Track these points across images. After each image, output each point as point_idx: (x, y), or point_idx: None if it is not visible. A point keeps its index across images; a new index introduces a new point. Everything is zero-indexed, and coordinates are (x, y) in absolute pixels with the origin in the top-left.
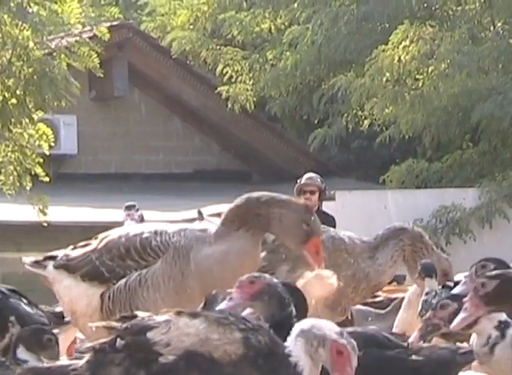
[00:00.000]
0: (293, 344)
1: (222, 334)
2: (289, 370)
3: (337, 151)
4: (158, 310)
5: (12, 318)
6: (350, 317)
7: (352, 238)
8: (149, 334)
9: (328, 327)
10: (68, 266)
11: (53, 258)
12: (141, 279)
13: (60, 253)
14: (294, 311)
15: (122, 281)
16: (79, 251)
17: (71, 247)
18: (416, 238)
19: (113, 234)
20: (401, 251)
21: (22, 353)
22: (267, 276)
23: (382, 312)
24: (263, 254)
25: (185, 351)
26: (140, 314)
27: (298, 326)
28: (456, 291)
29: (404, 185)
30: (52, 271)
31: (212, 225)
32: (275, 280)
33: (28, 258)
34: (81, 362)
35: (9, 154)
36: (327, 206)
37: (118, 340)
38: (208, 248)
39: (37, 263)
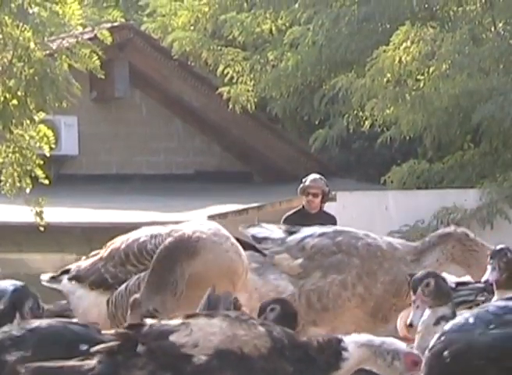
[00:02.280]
0: (352, 347)
1: (247, 330)
2: (331, 359)
3: (338, 151)
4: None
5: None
6: None
7: (392, 243)
8: (172, 338)
9: (396, 342)
10: (79, 277)
11: (68, 271)
12: (140, 282)
13: (74, 265)
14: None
15: (123, 286)
16: (88, 261)
17: (84, 257)
18: (462, 238)
19: (117, 241)
20: (449, 254)
21: None
22: None
23: None
24: (300, 260)
25: (216, 349)
26: (148, 321)
27: (366, 338)
28: (413, 319)
29: (405, 186)
30: (66, 284)
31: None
32: None
33: (45, 275)
34: (94, 363)
35: (10, 155)
36: (328, 207)
37: (138, 345)
38: None
39: (53, 279)
